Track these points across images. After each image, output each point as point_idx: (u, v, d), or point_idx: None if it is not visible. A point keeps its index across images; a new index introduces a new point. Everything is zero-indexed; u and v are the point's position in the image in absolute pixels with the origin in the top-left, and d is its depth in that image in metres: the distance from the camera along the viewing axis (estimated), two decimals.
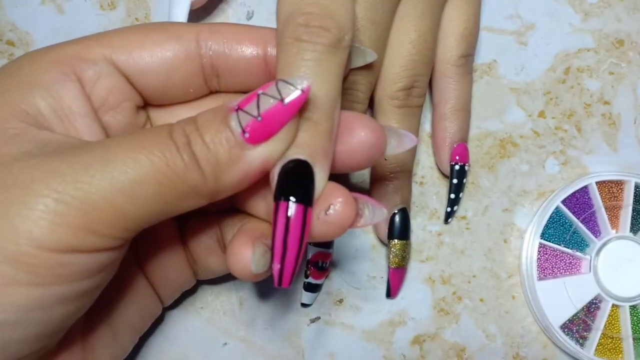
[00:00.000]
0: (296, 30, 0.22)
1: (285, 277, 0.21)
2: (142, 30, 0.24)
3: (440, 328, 0.33)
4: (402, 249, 0.31)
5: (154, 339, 0.32)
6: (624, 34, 0.36)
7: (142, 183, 0.19)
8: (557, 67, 0.35)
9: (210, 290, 0.33)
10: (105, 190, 0.19)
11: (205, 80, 0.25)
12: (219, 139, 0.20)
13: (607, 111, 0.35)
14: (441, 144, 0.33)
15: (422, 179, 0.34)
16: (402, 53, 0.30)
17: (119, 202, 0.19)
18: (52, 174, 0.19)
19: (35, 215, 0.18)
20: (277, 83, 0.21)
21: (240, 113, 0.20)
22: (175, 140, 0.20)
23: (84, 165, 0.19)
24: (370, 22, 0.28)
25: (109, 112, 0.24)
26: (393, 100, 0.30)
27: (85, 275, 0.20)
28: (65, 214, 0.18)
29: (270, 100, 0.20)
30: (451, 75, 0.32)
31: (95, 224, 0.19)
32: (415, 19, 0.30)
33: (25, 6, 0.35)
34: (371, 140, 0.23)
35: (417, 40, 0.30)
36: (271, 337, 0.32)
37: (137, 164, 0.19)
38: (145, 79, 0.24)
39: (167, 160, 0.20)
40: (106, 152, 0.19)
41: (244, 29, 0.25)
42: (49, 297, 0.19)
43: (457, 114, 0.32)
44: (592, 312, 0.32)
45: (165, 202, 0.20)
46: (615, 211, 0.33)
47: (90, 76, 0.23)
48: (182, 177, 0.20)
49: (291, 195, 0.20)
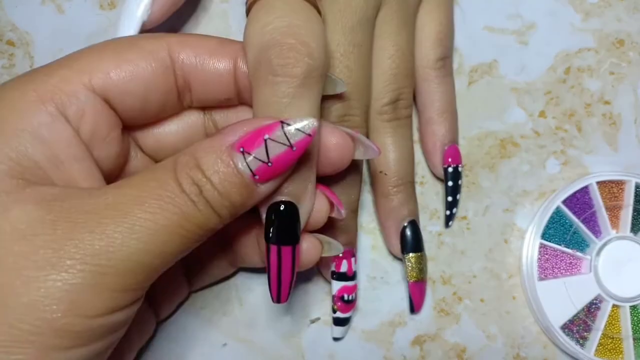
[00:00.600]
0: (270, 63, 0.22)
1: (282, 298, 0.24)
2: (114, 49, 0.23)
3: (440, 328, 0.33)
4: (417, 261, 0.31)
5: (154, 339, 0.32)
6: (625, 33, 0.36)
7: (167, 242, 0.20)
8: (557, 67, 0.35)
9: (210, 290, 0.33)
10: (135, 254, 0.20)
11: (178, 95, 0.25)
12: (229, 184, 0.21)
13: (608, 111, 0.35)
14: (432, 149, 0.33)
15: (422, 178, 0.34)
16: (384, 69, 0.30)
17: (149, 261, 0.20)
18: (82, 247, 0.19)
19: (75, 288, 0.19)
20: (283, 127, 0.21)
21: (247, 156, 0.21)
22: (187, 192, 0.20)
23: (108, 234, 0.19)
24: (352, 45, 0.29)
25: (98, 146, 0.23)
26: (382, 115, 0.31)
27: (120, 325, 0.21)
28: (103, 282, 0.19)
29: (279, 146, 0.21)
30: (432, 79, 0.32)
31: (130, 284, 0.20)
32: (392, 35, 0.30)
33: (25, 6, 0.35)
34: (339, 142, 0.24)
35: (395, 54, 0.30)
36: (271, 337, 0.32)
37: (158, 225, 0.20)
38: (123, 101, 0.23)
39: (186, 216, 0.20)
40: (125, 215, 0.20)
41: (215, 42, 0.25)
42: (89, 353, 0.20)
43: (444, 117, 0.32)
44: (592, 312, 0.32)
45: (187, 247, 0.21)
46: (615, 211, 0.33)
47: (75, 112, 0.22)
48: (202, 225, 0.21)
49: (279, 239, 0.23)
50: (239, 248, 0.28)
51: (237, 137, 0.21)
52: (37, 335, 0.19)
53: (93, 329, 0.20)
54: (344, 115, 0.29)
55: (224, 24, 0.35)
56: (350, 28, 0.29)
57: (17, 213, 0.19)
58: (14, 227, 0.19)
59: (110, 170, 0.24)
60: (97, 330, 0.20)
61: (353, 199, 0.30)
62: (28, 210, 0.20)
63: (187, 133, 0.26)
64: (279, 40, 0.22)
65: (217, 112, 0.27)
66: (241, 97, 0.25)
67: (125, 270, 0.20)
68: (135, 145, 0.26)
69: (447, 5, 0.33)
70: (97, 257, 0.19)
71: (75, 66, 0.23)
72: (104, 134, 0.23)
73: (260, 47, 0.22)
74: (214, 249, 0.29)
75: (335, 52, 0.28)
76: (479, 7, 0.36)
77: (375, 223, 0.33)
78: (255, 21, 0.23)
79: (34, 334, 0.18)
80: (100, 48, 0.24)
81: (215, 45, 0.24)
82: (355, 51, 0.29)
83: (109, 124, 0.23)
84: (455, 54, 0.35)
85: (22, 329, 0.18)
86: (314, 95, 0.23)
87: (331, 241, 0.26)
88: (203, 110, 0.27)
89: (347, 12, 0.29)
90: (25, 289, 0.19)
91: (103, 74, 0.23)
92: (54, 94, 0.22)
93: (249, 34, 0.23)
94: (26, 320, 0.18)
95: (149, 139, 0.26)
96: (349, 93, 0.28)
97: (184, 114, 0.26)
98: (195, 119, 0.26)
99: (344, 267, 0.30)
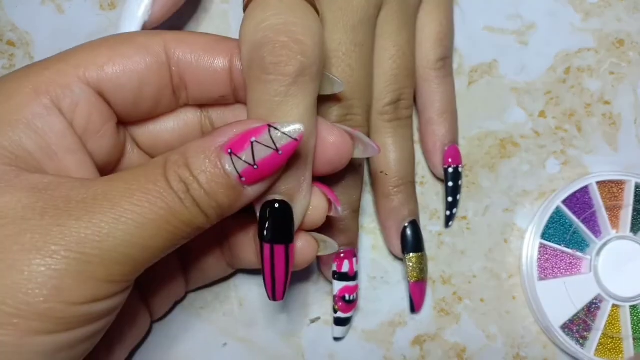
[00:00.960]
0: (263, 61, 0.22)
1: (277, 296, 0.24)
2: (110, 45, 0.24)
3: (440, 328, 0.33)
4: (418, 261, 0.31)
5: (154, 339, 0.32)
6: (625, 33, 0.36)
7: (153, 236, 0.20)
8: (557, 67, 0.35)
9: (210, 290, 0.33)
10: (121, 246, 0.20)
11: (174, 92, 0.25)
12: (216, 184, 0.21)
13: (608, 111, 0.35)
14: (432, 149, 0.33)
15: (422, 179, 0.34)
16: (385, 69, 0.30)
17: (135, 253, 0.20)
18: (68, 234, 0.19)
19: (59, 274, 0.19)
20: (270, 130, 0.21)
21: (234, 158, 0.21)
22: (175, 189, 0.21)
23: (95, 223, 0.20)
24: (354, 44, 0.29)
25: (92, 138, 0.24)
26: (383, 116, 0.31)
27: (104, 314, 0.21)
28: (88, 271, 0.20)
29: (265, 149, 0.21)
30: (432, 79, 0.32)
31: (115, 275, 0.20)
32: (393, 35, 0.30)
33: (26, 6, 0.35)
34: (337, 140, 0.24)
35: (396, 54, 0.30)
36: (271, 337, 0.32)
37: (145, 218, 0.20)
38: (117, 94, 0.24)
39: (172, 212, 0.21)
40: (114, 205, 0.20)
41: (211, 39, 0.25)
42: (73, 339, 0.20)
43: (444, 117, 0.32)
44: (592, 312, 0.32)
45: (174, 244, 0.22)
46: (615, 211, 0.33)
47: (69, 104, 0.22)
48: (188, 223, 0.21)
49: (272, 238, 0.23)
50: (237, 249, 0.28)
51: (227, 139, 0.21)
52: (20, 318, 0.19)
53: (76, 315, 0.20)
54: (346, 115, 0.29)
55: (224, 24, 0.35)
56: (351, 27, 0.29)
57: (8, 199, 0.20)
58: (3, 212, 0.19)
59: (104, 164, 0.24)
60: (80, 317, 0.20)
61: (354, 199, 0.30)
62: (19, 197, 0.20)
63: (183, 131, 0.26)
64: (271, 38, 0.22)
65: (214, 110, 0.27)
66: (237, 95, 0.25)
67: (110, 260, 0.20)
68: (131, 140, 0.26)
69: (447, 6, 0.33)
70: (83, 245, 0.19)
71: (71, 60, 0.23)
72: (97, 127, 0.23)
73: (254, 44, 0.22)
74: (213, 250, 0.29)
75: (337, 51, 0.28)
76: (479, 7, 0.36)
77: (376, 223, 0.33)
78: (250, 19, 0.23)
79: (17, 316, 0.19)
80: (96, 43, 0.24)
81: (211, 42, 0.24)
82: (357, 50, 0.29)
83: (103, 117, 0.24)
84: (455, 54, 0.35)
85: (5, 311, 0.19)
86: (308, 93, 0.23)
87: (327, 239, 0.26)
88: (200, 108, 0.27)
89: (348, 10, 0.29)
90: (9, 271, 0.19)
91: (97, 67, 0.23)
92: (49, 87, 0.22)
93: (244, 32, 0.23)
94: (8, 302, 0.19)
95: (145, 135, 0.26)
96: (351, 92, 0.28)
97: (181, 111, 0.26)
98: (191, 117, 0.26)
99: (346, 267, 0.30)
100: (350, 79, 0.29)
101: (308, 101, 0.23)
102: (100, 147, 0.24)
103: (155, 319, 0.31)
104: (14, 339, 0.19)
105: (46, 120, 0.22)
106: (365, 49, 0.29)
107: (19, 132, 0.21)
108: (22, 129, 0.21)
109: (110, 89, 0.23)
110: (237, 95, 0.26)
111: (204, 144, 0.21)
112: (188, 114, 0.26)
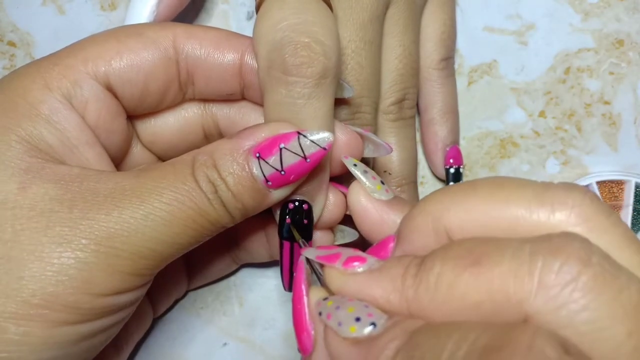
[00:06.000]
0: (284, 63, 0.22)
1: None
2: (117, 38, 0.24)
3: None
4: None
5: (154, 339, 0.32)
6: (624, 34, 0.36)
7: (180, 233, 0.21)
8: (557, 67, 0.35)
9: (210, 290, 0.33)
10: (149, 242, 0.20)
11: (180, 87, 0.25)
12: (243, 187, 0.21)
13: (608, 111, 0.35)
14: (433, 149, 0.33)
15: (423, 179, 0.34)
16: (390, 69, 0.30)
17: (161, 249, 0.21)
18: (97, 228, 0.20)
19: (89, 267, 0.20)
20: (299, 138, 0.21)
21: (262, 162, 0.21)
22: (204, 190, 0.21)
23: (125, 219, 0.20)
24: (363, 42, 0.29)
25: (103, 134, 0.24)
26: (387, 115, 0.31)
27: (127, 305, 0.22)
28: (116, 264, 0.20)
29: (293, 156, 0.21)
30: (434, 79, 0.32)
31: (141, 269, 0.21)
32: (399, 34, 0.30)
33: (26, 7, 0.35)
34: (348, 140, 0.24)
35: (402, 54, 0.30)
36: (271, 337, 0.32)
37: (173, 217, 0.20)
38: (125, 89, 0.24)
39: (200, 211, 0.21)
40: (142, 202, 0.20)
41: (221, 35, 0.24)
42: (95, 329, 0.21)
43: (446, 117, 0.32)
44: None
45: (198, 241, 0.22)
46: (615, 211, 0.33)
47: (79, 100, 0.23)
48: (214, 222, 0.22)
49: (292, 236, 0.23)
50: (246, 243, 0.29)
51: (255, 142, 0.22)
52: (47, 309, 0.19)
53: (101, 307, 0.20)
54: (355, 113, 0.28)
55: (224, 24, 0.35)
56: (361, 24, 0.28)
57: (35, 190, 0.20)
58: (32, 204, 0.20)
59: (114, 158, 0.25)
60: (105, 308, 0.20)
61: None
62: (47, 188, 0.20)
63: (183, 128, 0.26)
64: (292, 38, 0.22)
65: (218, 107, 0.26)
66: (246, 93, 0.25)
67: (138, 255, 0.20)
68: (135, 135, 0.26)
69: (451, 6, 0.33)
70: (112, 240, 0.20)
71: (80, 55, 0.23)
72: (108, 122, 0.24)
73: (273, 45, 0.22)
74: (218, 245, 0.29)
75: (346, 48, 0.28)
76: (479, 7, 0.36)
77: None
78: (266, 18, 0.23)
79: (44, 307, 0.19)
80: (105, 36, 0.24)
81: (222, 37, 0.24)
82: (366, 48, 0.29)
83: (112, 112, 0.24)
84: (455, 54, 0.35)
85: (32, 302, 0.19)
86: (329, 96, 0.23)
87: (345, 228, 0.26)
88: (203, 104, 0.26)
89: (357, 8, 0.28)
90: (38, 263, 0.19)
91: (105, 61, 0.23)
92: (60, 82, 0.22)
93: (260, 31, 0.23)
94: (37, 294, 0.19)
95: (147, 130, 0.26)
96: (360, 90, 0.28)
97: (183, 107, 0.26)
98: (193, 114, 0.26)
99: None
100: (359, 76, 0.28)
101: (329, 103, 0.23)
102: (111, 143, 0.24)
103: (156, 316, 0.31)
104: (40, 330, 0.19)
105: (63, 114, 0.22)
106: (374, 46, 0.29)
107: (39, 127, 0.21)
108: (42, 124, 0.22)
109: (117, 83, 0.23)
110: (246, 93, 0.25)
111: (232, 145, 0.22)
112: (190, 110, 0.26)
